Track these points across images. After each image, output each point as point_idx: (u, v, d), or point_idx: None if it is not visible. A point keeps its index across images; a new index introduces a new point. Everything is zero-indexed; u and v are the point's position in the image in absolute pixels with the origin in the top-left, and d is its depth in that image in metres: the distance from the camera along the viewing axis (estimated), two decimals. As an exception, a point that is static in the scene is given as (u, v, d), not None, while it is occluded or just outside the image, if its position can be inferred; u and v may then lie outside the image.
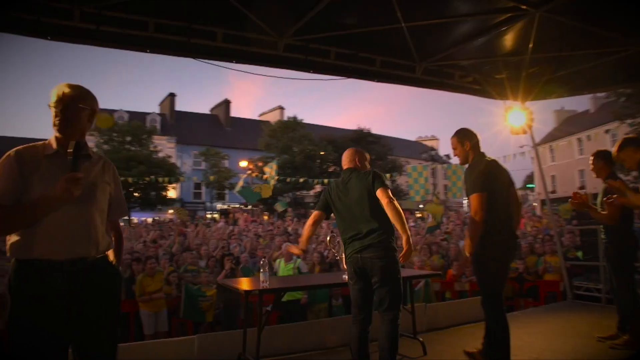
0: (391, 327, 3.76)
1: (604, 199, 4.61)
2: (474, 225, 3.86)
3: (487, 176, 3.94)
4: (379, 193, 3.85)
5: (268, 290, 4.17)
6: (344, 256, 4.38)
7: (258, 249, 9.75)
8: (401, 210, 3.78)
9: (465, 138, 4.20)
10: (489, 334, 4.06)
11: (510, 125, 7.74)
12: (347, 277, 4.37)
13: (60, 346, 2.27)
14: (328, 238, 4.70)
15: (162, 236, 12.46)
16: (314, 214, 4.31)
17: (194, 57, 5.54)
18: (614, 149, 4.84)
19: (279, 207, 25.73)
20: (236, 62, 5.78)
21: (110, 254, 2.61)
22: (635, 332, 4.76)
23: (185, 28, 5.33)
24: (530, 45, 6.23)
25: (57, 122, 2.41)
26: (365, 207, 3.91)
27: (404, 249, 3.75)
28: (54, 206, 2.25)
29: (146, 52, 5.36)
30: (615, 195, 3.99)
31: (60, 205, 2.25)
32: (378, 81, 6.67)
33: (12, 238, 2.29)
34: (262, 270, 4.28)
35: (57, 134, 2.44)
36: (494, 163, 4.09)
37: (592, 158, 5.15)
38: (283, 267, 8.11)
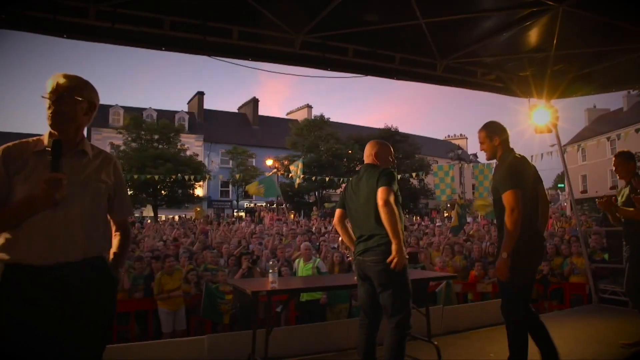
0: (394, 333, 3.61)
1: (633, 195, 4.55)
2: (512, 223, 3.55)
3: (519, 172, 3.71)
4: (378, 193, 3.67)
5: (276, 292, 4.10)
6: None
7: (278, 248, 9.70)
8: (397, 214, 3.61)
9: (494, 133, 3.92)
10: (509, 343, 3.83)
11: (535, 124, 7.54)
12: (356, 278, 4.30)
13: (39, 351, 2.13)
14: (340, 239, 4.63)
15: (185, 234, 12.53)
16: (337, 212, 4.22)
17: (209, 55, 5.51)
18: None
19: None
20: (252, 60, 5.73)
21: (113, 256, 2.50)
22: None
23: (201, 26, 5.30)
24: (555, 42, 6.05)
25: (50, 115, 2.26)
26: (371, 208, 3.76)
27: (393, 256, 3.56)
28: (36, 209, 2.10)
29: (161, 50, 5.35)
30: None
31: (42, 208, 2.11)
32: (397, 79, 6.55)
33: None
34: (270, 270, 4.21)
35: (51, 129, 2.30)
36: (523, 159, 3.89)
37: (614, 159, 5.04)
38: (302, 267, 8.04)
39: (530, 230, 3.69)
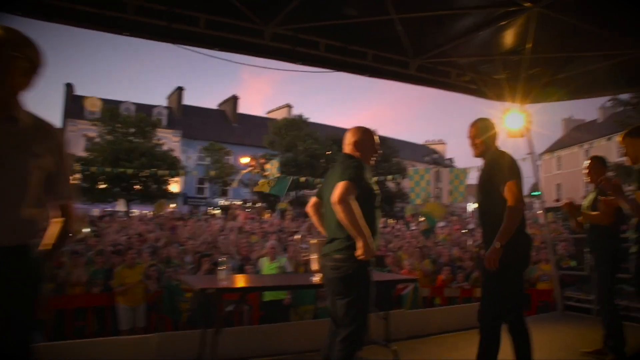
0: (341, 348, 3.23)
1: (602, 197, 4.48)
2: (514, 213, 3.41)
3: (518, 167, 3.60)
4: (335, 188, 3.22)
5: (225, 290, 3.89)
6: (314, 257, 4.15)
7: (247, 246, 9.53)
8: (352, 211, 3.15)
9: (487, 129, 3.79)
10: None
11: (508, 128, 7.46)
12: (316, 279, 4.14)
13: None
14: (297, 237, 4.46)
15: (151, 230, 12.26)
16: (312, 199, 3.92)
17: (173, 43, 5.32)
18: (621, 134, 4.37)
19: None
20: (219, 50, 5.56)
21: (45, 246, 2.20)
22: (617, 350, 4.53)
23: (166, 12, 5.09)
24: (529, 45, 5.98)
25: None
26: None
27: (358, 253, 3.20)
28: None
29: (124, 35, 5.15)
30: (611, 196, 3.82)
31: None
32: (369, 76, 6.43)
33: None
34: (220, 268, 4.02)
35: None
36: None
37: (588, 162, 4.95)
38: (267, 266, 7.87)
39: (523, 227, 3.59)
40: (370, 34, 5.94)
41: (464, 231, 15.85)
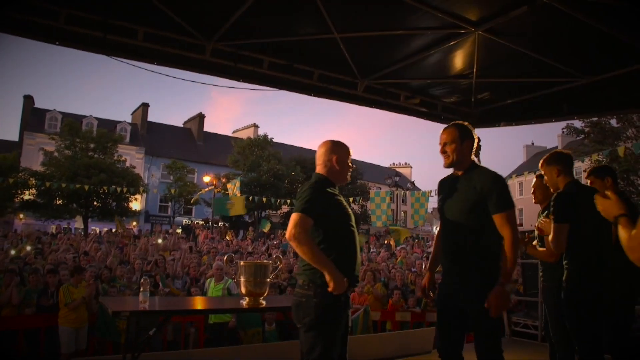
0: None
1: (540, 220, 4.19)
2: (517, 246, 3.00)
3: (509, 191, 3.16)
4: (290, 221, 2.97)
5: (142, 313, 3.66)
6: (242, 280, 3.98)
7: (191, 266, 9.29)
8: (309, 247, 2.89)
9: (467, 136, 3.25)
10: None
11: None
12: (244, 302, 3.96)
13: None
14: (225, 258, 4.27)
15: (99, 248, 11.86)
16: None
17: (108, 55, 5.12)
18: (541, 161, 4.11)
19: (266, 227, 25.73)
20: (157, 64, 5.39)
21: None
22: None
23: (101, 22, 4.92)
24: (475, 69, 6.00)
25: None
26: None
27: (330, 287, 2.90)
28: None
29: (55, 44, 4.93)
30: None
31: None
32: (315, 96, 6.32)
33: None
34: (142, 289, 3.79)
35: None
36: None
37: (534, 180, 4.64)
38: (212, 287, 7.64)
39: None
40: (316, 53, 5.86)
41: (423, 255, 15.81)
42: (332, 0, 4.66)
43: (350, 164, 3.32)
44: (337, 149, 3.25)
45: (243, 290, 4.00)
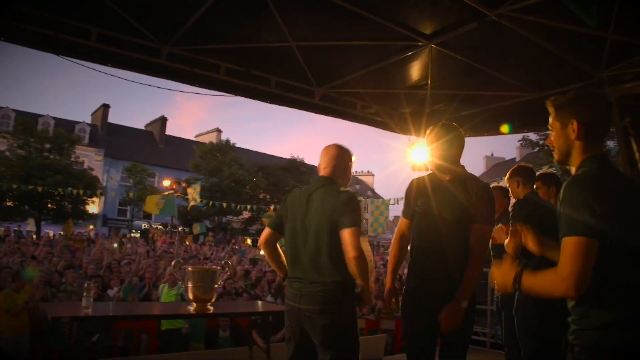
0: None
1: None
2: (482, 265, 2.87)
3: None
4: (345, 236, 2.80)
5: (83, 318, 3.59)
6: (189, 285, 3.94)
7: (147, 271, 9.12)
8: (367, 262, 2.80)
9: (457, 138, 3.09)
10: None
11: (413, 162, 7.55)
12: (192, 308, 3.92)
13: None
14: (173, 263, 4.23)
15: (51, 252, 11.55)
16: (266, 232, 3.26)
17: (57, 54, 5.01)
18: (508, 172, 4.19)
19: (196, 229, 24.96)
20: (111, 66, 5.30)
21: None
22: None
23: (51, 20, 4.82)
24: (429, 81, 6.12)
25: None
26: (322, 242, 2.89)
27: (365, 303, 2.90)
28: None
29: (0, 39, 4.80)
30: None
31: None
32: (272, 103, 6.33)
33: None
34: (85, 294, 3.72)
35: None
36: None
37: None
38: (166, 293, 7.52)
39: None
40: (272, 60, 5.88)
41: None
42: (288, 9, 4.69)
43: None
44: (345, 153, 3.23)
45: (190, 296, 3.98)
